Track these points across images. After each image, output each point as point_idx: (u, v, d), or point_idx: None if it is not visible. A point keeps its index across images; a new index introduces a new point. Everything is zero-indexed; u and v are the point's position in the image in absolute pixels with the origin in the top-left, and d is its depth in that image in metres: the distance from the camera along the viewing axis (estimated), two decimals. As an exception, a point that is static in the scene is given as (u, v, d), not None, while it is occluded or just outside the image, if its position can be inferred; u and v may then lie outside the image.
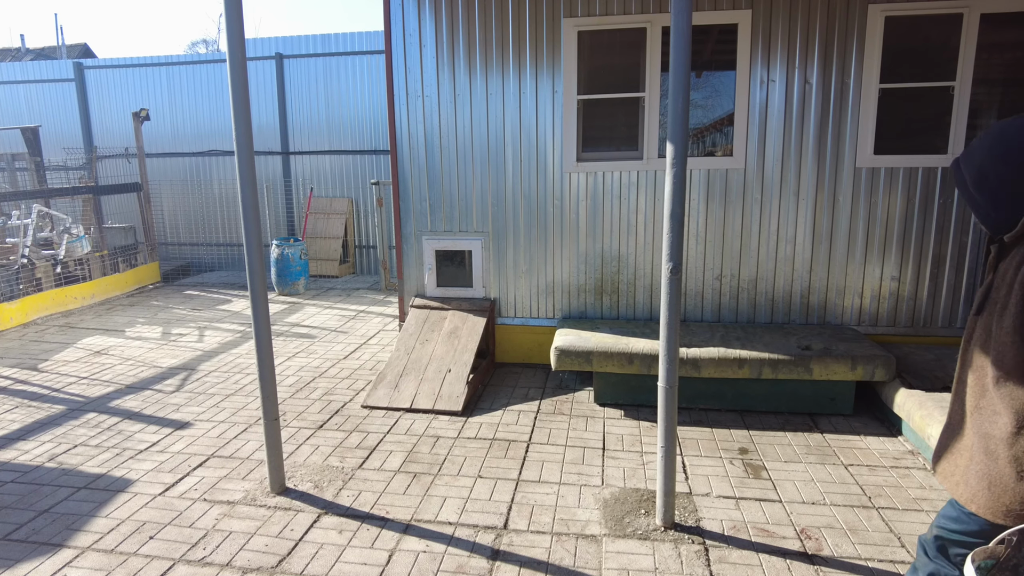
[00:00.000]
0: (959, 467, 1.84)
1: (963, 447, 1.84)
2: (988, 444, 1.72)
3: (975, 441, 1.78)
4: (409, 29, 5.02)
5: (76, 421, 4.30)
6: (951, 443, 1.88)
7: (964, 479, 1.81)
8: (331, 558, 2.78)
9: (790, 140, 4.73)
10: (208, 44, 29.08)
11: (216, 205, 10.45)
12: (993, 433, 1.71)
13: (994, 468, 1.71)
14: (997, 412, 1.71)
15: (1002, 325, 1.67)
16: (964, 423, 1.84)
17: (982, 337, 1.76)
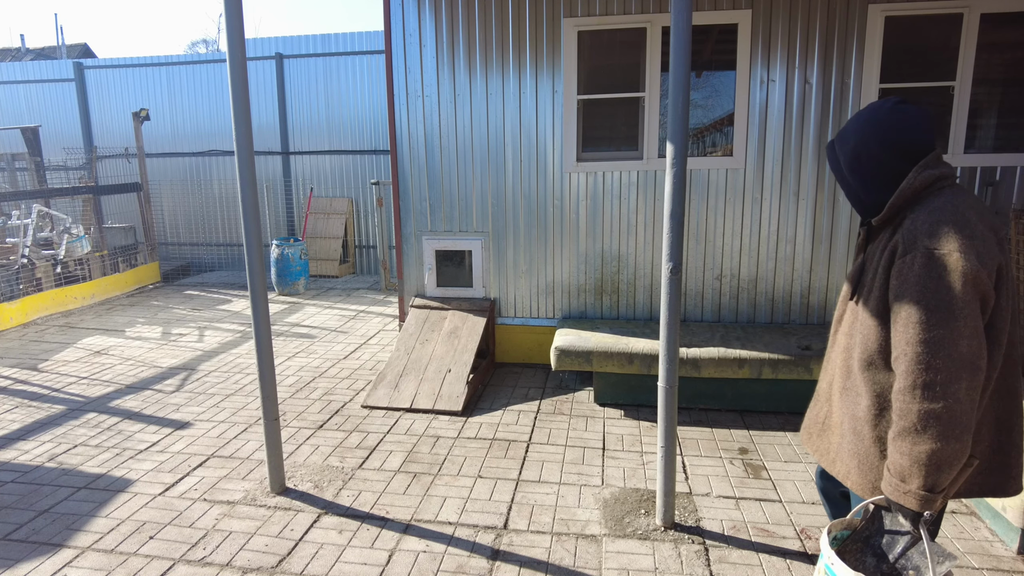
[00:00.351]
0: (832, 444, 1.90)
1: (833, 424, 1.90)
2: (855, 425, 1.77)
3: (844, 420, 1.83)
4: (409, 29, 5.02)
5: (76, 421, 4.30)
6: (821, 418, 1.95)
7: (838, 456, 1.87)
8: (331, 558, 2.78)
9: (790, 140, 4.73)
10: (208, 44, 29.08)
11: (216, 205, 10.45)
12: (858, 414, 1.76)
13: (862, 447, 1.76)
14: (860, 394, 1.76)
15: (868, 308, 1.71)
16: (831, 401, 1.91)
17: (850, 319, 1.81)
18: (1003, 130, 4.59)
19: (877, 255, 1.70)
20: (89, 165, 9.37)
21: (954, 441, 1.48)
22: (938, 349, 1.49)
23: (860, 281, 1.77)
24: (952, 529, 2.93)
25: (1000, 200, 4.56)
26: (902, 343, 1.55)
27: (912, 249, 1.55)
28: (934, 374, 1.49)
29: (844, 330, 1.84)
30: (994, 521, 2.92)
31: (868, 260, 1.76)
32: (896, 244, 1.61)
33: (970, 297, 1.48)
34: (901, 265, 1.57)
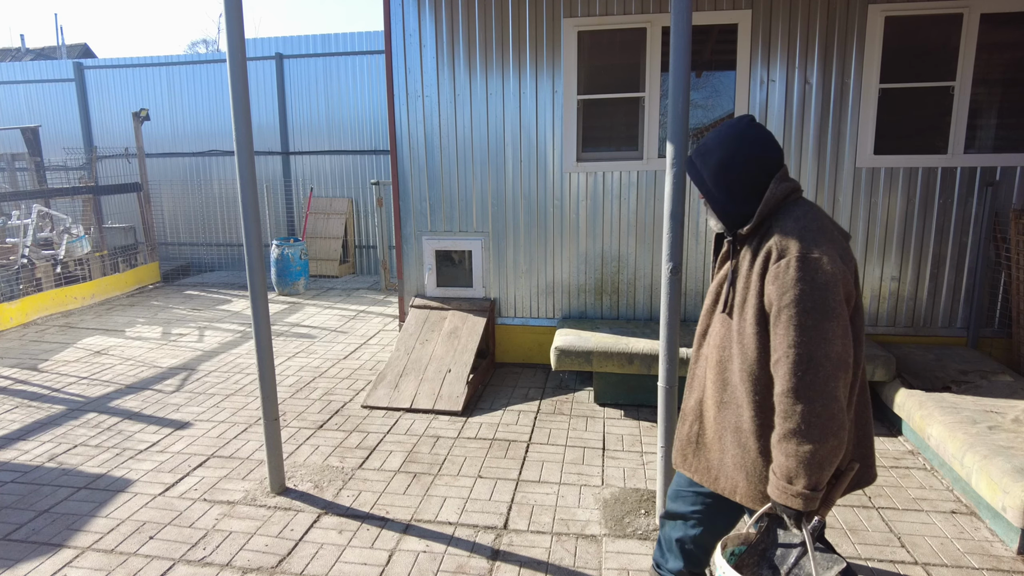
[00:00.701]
0: (712, 461, 1.89)
1: (709, 441, 1.89)
2: (739, 437, 1.77)
3: (724, 435, 1.82)
4: (409, 29, 5.02)
5: (76, 421, 4.30)
6: (694, 437, 1.94)
7: (721, 472, 1.85)
8: (331, 558, 2.78)
9: (790, 140, 4.73)
10: (208, 44, 29.08)
11: (216, 205, 10.45)
12: (742, 426, 1.76)
13: (748, 459, 1.76)
14: (741, 406, 1.76)
15: (743, 317, 1.71)
16: (704, 416, 1.90)
17: (721, 332, 1.81)
18: (1003, 130, 4.58)
19: (747, 264, 1.72)
20: (89, 165, 9.37)
21: (833, 438, 1.53)
22: (816, 350, 1.54)
23: (731, 292, 1.78)
24: (952, 529, 2.93)
25: (1000, 200, 4.56)
26: (783, 346, 1.57)
27: (785, 254, 1.60)
28: (814, 374, 1.53)
29: (714, 343, 1.83)
30: (994, 521, 2.92)
31: (736, 271, 1.77)
32: (769, 251, 1.64)
33: (840, 297, 1.56)
34: (776, 270, 1.61)
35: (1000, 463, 2.88)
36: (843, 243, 1.67)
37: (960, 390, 3.81)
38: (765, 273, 1.65)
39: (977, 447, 3.06)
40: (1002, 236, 4.57)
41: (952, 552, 2.77)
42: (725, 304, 1.80)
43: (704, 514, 2.01)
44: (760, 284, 1.66)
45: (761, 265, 1.66)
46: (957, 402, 3.60)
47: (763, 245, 1.68)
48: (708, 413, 1.88)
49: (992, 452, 2.98)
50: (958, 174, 4.59)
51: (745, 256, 1.75)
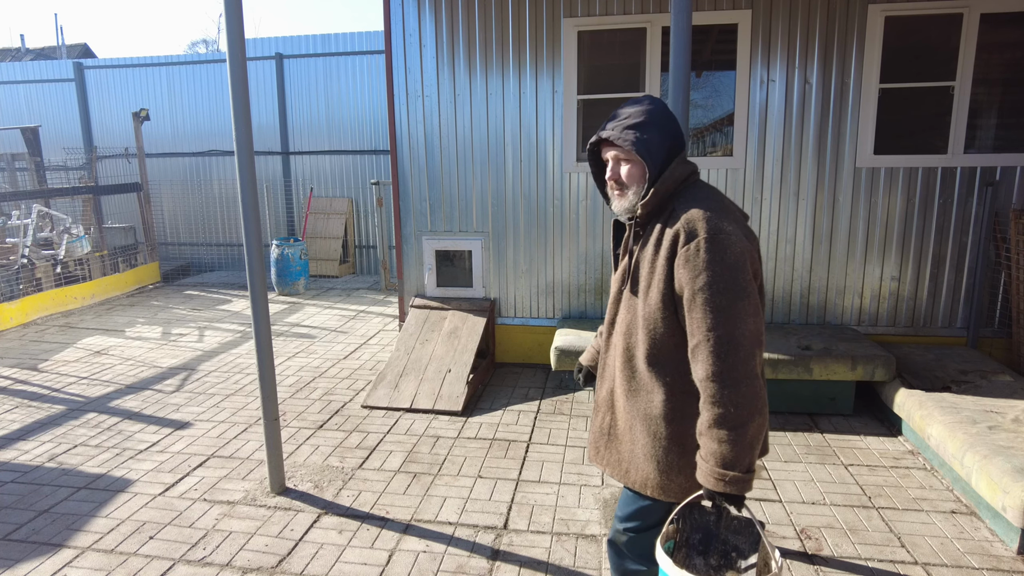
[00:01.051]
0: (623, 453, 1.83)
1: (620, 432, 1.83)
2: (650, 425, 1.73)
3: (635, 424, 1.77)
4: (409, 29, 5.02)
5: (76, 421, 4.30)
6: (606, 429, 1.89)
7: (632, 463, 1.80)
8: (331, 558, 2.78)
9: (790, 140, 4.73)
10: (208, 44, 29.09)
11: (216, 205, 10.45)
12: (652, 412, 1.72)
13: (659, 448, 1.72)
14: (651, 391, 1.72)
15: (649, 303, 1.68)
16: (615, 407, 1.85)
17: (627, 318, 1.77)
18: (1003, 130, 4.58)
19: (651, 248, 1.69)
20: (89, 165, 9.37)
21: (760, 416, 1.54)
22: (734, 330, 1.52)
23: (635, 277, 1.74)
24: (952, 529, 2.93)
25: (1000, 200, 4.56)
26: (701, 330, 1.55)
27: (695, 235, 1.58)
28: (735, 356, 1.51)
29: (620, 331, 1.80)
30: (994, 521, 2.92)
31: (640, 256, 1.73)
32: (677, 233, 1.61)
33: (749, 275, 1.57)
34: (686, 253, 1.58)
35: (1000, 463, 2.88)
36: (744, 222, 1.68)
37: (960, 390, 3.81)
38: (673, 256, 1.62)
39: (977, 447, 3.06)
40: (1002, 236, 4.57)
41: (952, 552, 2.77)
42: (632, 290, 1.76)
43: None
44: (668, 267, 1.63)
45: (668, 248, 1.63)
46: (957, 402, 3.60)
47: (668, 227, 1.65)
48: (619, 403, 1.83)
49: (992, 452, 2.98)
50: (958, 174, 4.59)
51: (649, 240, 1.71)
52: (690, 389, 1.69)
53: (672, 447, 1.71)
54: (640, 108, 1.72)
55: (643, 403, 1.75)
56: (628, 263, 1.78)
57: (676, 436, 1.70)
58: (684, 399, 1.70)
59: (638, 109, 1.72)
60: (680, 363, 1.68)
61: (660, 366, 1.69)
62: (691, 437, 1.69)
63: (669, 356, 1.68)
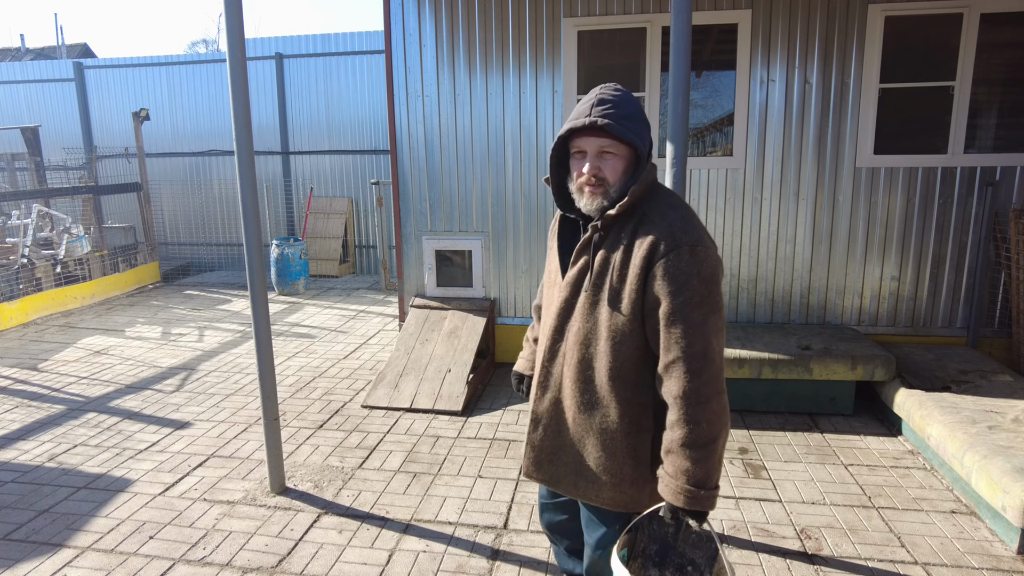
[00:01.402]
0: (570, 466, 1.75)
1: (567, 445, 1.75)
2: (604, 439, 1.67)
3: (585, 438, 1.71)
4: (409, 29, 5.02)
5: (76, 421, 4.30)
6: (548, 443, 1.78)
7: (580, 476, 1.74)
8: (331, 558, 2.78)
9: (790, 140, 4.73)
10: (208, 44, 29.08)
11: (216, 205, 10.45)
12: (608, 427, 1.66)
13: (614, 463, 1.67)
14: (608, 406, 1.66)
15: (618, 314, 1.59)
16: (563, 419, 1.75)
17: (584, 328, 1.66)
18: (1003, 130, 4.58)
19: (620, 254, 1.58)
20: (89, 165, 9.37)
21: (725, 430, 1.54)
22: (708, 346, 1.49)
23: (600, 284, 1.62)
24: (952, 529, 2.93)
25: (1000, 200, 4.56)
26: (680, 345, 1.49)
27: (676, 246, 1.51)
28: (709, 372, 1.49)
29: (576, 341, 1.67)
30: (994, 521, 2.92)
31: (604, 261, 1.62)
32: (656, 242, 1.53)
33: (720, 289, 1.55)
34: (667, 264, 1.51)
35: (1000, 463, 2.88)
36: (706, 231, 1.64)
37: (960, 390, 3.81)
38: (650, 266, 1.53)
39: (977, 447, 3.06)
40: (1002, 236, 4.57)
41: (952, 552, 2.77)
42: (594, 298, 1.63)
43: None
44: (643, 277, 1.54)
45: (645, 257, 1.54)
46: (957, 402, 3.60)
47: (641, 234, 1.56)
48: (567, 415, 1.74)
49: (992, 452, 2.98)
50: (958, 174, 4.59)
51: (617, 244, 1.61)
52: (645, 402, 1.65)
53: (627, 460, 1.67)
54: (626, 99, 1.62)
55: (598, 417, 1.68)
56: (590, 268, 1.64)
57: (631, 449, 1.67)
58: (640, 412, 1.65)
59: (625, 99, 1.62)
60: (641, 377, 1.63)
61: (621, 380, 1.63)
62: (644, 449, 1.67)
63: (631, 370, 1.62)
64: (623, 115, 1.59)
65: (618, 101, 1.60)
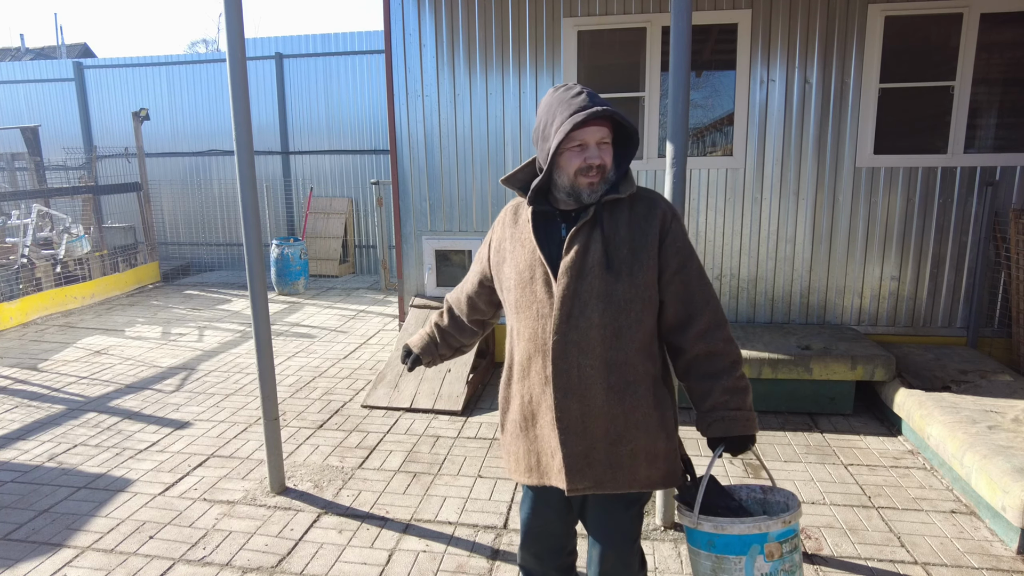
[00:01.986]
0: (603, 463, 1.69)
1: (597, 440, 1.69)
2: (637, 419, 1.67)
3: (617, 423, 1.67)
4: (409, 29, 5.02)
5: (76, 421, 4.30)
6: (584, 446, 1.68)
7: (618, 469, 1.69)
8: (331, 558, 2.78)
9: (790, 140, 4.73)
10: (208, 44, 29.09)
11: (216, 205, 10.45)
12: (638, 405, 1.67)
13: (648, 439, 1.69)
14: (636, 383, 1.67)
15: (636, 286, 1.64)
16: (590, 415, 1.67)
17: (605, 311, 1.63)
18: (1003, 130, 4.59)
19: (625, 231, 1.66)
20: (89, 165, 9.37)
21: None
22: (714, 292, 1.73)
23: (613, 263, 1.64)
24: (952, 529, 2.93)
25: (1000, 200, 4.56)
26: (705, 297, 1.69)
27: (674, 215, 1.72)
28: (723, 314, 1.72)
29: (599, 323, 1.63)
30: (994, 521, 2.93)
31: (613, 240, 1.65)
32: (664, 214, 1.69)
33: None
34: (676, 230, 1.70)
35: (1000, 463, 2.88)
36: None
37: (960, 390, 3.81)
38: (663, 236, 1.68)
39: (977, 447, 3.06)
40: (1002, 236, 4.57)
41: (952, 552, 2.77)
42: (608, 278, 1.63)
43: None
44: (658, 247, 1.67)
45: (658, 228, 1.67)
46: (957, 402, 3.60)
47: (641, 209, 1.69)
48: (593, 408, 1.66)
49: (992, 452, 2.98)
50: (958, 174, 4.59)
51: (626, 220, 1.68)
52: (661, 373, 1.75)
53: (659, 434, 1.71)
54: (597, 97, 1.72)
55: (628, 398, 1.66)
56: (603, 249, 1.64)
57: (662, 423, 1.71)
58: (659, 384, 1.73)
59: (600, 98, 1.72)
60: (656, 348, 1.73)
61: (645, 353, 1.69)
62: (670, 421, 1.74)
63: (650, 342, 1.71)
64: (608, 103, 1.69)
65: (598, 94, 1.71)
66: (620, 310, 1.64)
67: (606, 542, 1.78)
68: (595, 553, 1.80)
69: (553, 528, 1.90)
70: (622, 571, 1.79)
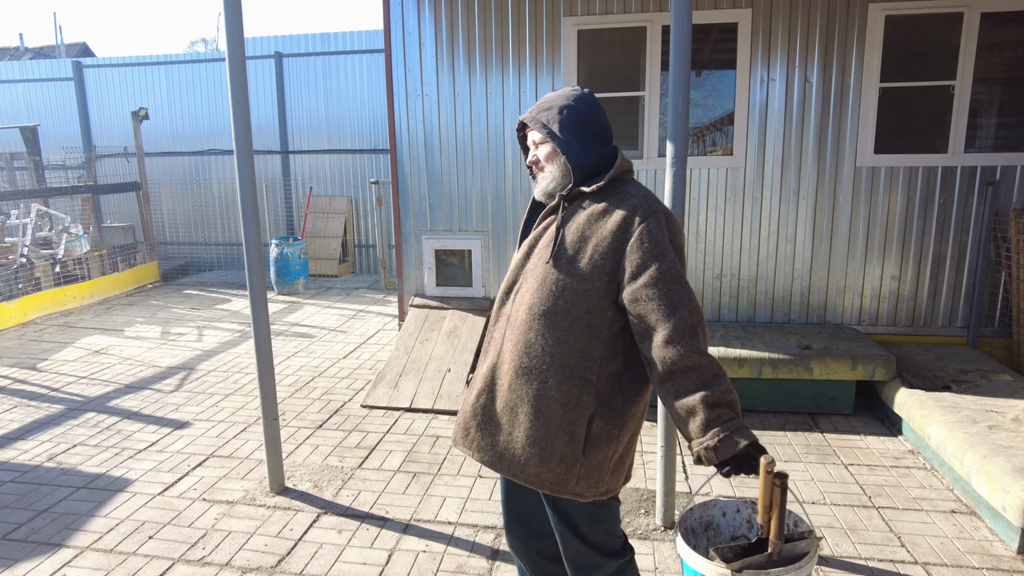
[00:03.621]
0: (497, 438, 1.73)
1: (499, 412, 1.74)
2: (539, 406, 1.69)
3: (520, 405, 1.71)
4: (409, 28, 5.01)
5: (75, 421, 4.29)
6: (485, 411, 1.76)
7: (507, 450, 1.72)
8: (330, 558, 2.77)
9: (790, 139, 4.73)
10: (207, 43, 29.07)
11: (215, 204, 10.44)
12: (544, 394, 1.68)
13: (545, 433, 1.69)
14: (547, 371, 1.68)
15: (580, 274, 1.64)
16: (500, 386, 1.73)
17: (531, 290, 1.69)
18: (1003, 129, 4.58)
19: (590, 220, 1.67)
20: (88, 164, 9.36)
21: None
22: (692, 296, 1.60)
23: (558, 248, 1.68)
24: (952, 528, 2.93)
25: (1000, 200, 4.56)
26: (672, 302, 1.55)
27: (652, 212, 1.63)
28: (699, 318, 1.59)
29: (522, 301, 1.71)
30: (994, 521, 2.92)
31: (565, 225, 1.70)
32: (634, 209, 1.64)
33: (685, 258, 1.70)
34: (646, 228, 1.61)
35: (1000, 462, 2.88)
36: None
37: (960, 389, 3.81)
38: (625, 231, 1.62)
39: (977, 446, 3.06)
40: (1002, 235, 4.57)
41: (952, 552, 2.77)
42: (546, 260, 1.68)
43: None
44: (618, 242, 1.62)
45: (621, 223, 1.63)
46: (957, 401, 3.59)
47: (616, 205, 1.67)
48: (502, 380, 1.72)
49: (992, 451, 2.98)
50: (958, 173, 4.58)
51: (587, 213, 1.69)
52: (588, 377, 1.66)
53: (559, 433, 1.66)
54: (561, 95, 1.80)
55: (536, 384, 1.67)
56: (556, 236, 1.71)
57: (565, 422, 1.66)
58: (581, 386, 1.66)
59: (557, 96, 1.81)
60: (588, 348, 1.67)
61: (567, 345, 1.66)
62: (579, 426, 1.65)
63: (578, 337, 1.68)
64: (543, 110, 1.77)
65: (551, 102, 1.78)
66: (550, 294, 1.67)
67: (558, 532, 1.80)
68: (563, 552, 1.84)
69: (530, 510, 1.90)
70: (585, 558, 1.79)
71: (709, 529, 1.82)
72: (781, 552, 1.51)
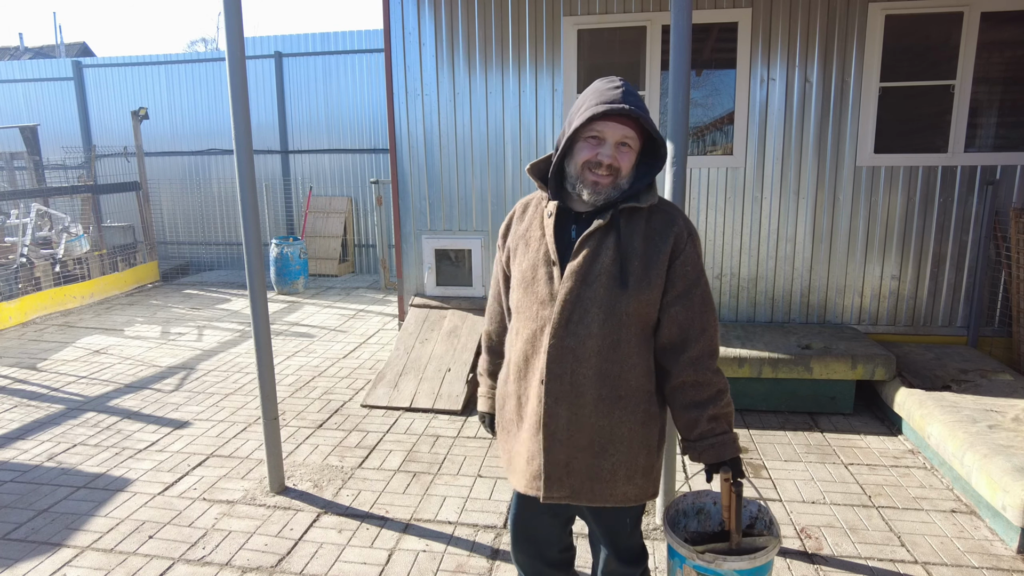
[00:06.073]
0: (584, 472, 1.67)
1: (580, 449, 1.67)
2: (622, 432, 1.66)
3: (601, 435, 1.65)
4: (409, 28, 5.01)
5: (75, 420, 4.29)
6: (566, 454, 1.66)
7: (597, 481, 1.67)
8: (331, 557, 2.77)
9: (790, 139, 4.72)
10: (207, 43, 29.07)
11: (215, 204, 10.43)
12: (626, 420, 1.66)
13: (629, 455, 1.67)
14: (627, 397, 1.65)
15: (647, 298, 1.61)
16: (579, 423, 1.65)
17: (607, 321, 1.60)
18: (1003, 129, 4.58)
19: (651, 242, 1.61)
20: (88, 164, 9.36)
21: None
22: (716, 319, 1.70)
23: (623, 274, 1.59)
24: (952, 528, 2.93)
25: (1000, 199, 4.56)
26: (703, 325, 1.63)
27: (691, 235, 1.66)
28: (718, 340, 1.70)
29: (598, 333, 1.60)
30: (994, 520, 2.92)
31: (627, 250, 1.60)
32: (680, 230, 1.63)
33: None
34: (689, 251, 1.64)
35: (1000, 462, 2.88)
36: None
37: (960, 389, 3.81)
38: (676, 254, 1.62)
39: (977, 446, 3.06)
40: (1002, 235, 4.57)
41: (952, 551, 2.77)
42: (615, 287, 1.60)
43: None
44: (668, 262, 1.61)
45: (674, 244, 1.61)
46: (957, 401, 3.59)
47: (667, 224, 1.63)
48: (581, 416, 1.64)
49: (992, 451, 2.98)
50: (958, 173, 4.58)
51: (644, 232, 1.62)
52: (653, 389, 1.69)
53: (641, 451, 1.69)
54: (638, 93, 1.64)
55: (618, 411, 1.65)
56: (616, 256, 1.60)
57: (645, 439, 1.70)
58: (650, 400, 1.69)
59: (638, 96, 1.63)
60: (652, 364, 1.70)
61: (642, 369, 1.66)
62: (654, 437, 1.72)
63: (648, 358, 1.68)
64: (646, 109, 1.60)
65: (636, 93, 1.62)
66: (621, 323, 1.61)
67: (609, 546, 1.80)
68: (598, 554, 1.87)
69: (542, 529, 1.88)
70: (625, 570, 1.82)
71: (700, 514, 1.92)
72: (740, 544, 1.72)
